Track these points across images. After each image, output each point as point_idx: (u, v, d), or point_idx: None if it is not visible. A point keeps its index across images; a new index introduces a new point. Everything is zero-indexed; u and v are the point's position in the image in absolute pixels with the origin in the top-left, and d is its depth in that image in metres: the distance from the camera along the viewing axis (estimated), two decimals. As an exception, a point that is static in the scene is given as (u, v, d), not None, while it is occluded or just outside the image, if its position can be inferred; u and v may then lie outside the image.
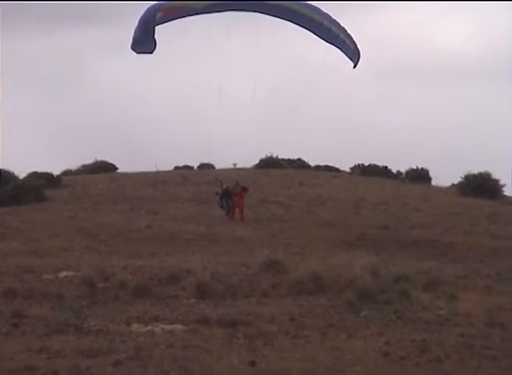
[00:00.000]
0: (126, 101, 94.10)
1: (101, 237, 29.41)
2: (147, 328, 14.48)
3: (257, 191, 40.38)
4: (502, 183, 50.46)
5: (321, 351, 12.73)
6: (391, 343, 13.31)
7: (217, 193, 36.17)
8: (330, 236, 30.61)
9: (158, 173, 53.91)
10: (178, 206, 39.40)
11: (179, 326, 14.67)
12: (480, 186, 48.78)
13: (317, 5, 21.94)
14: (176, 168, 63.29)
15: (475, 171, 50.62)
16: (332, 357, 12.34)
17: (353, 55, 22.15)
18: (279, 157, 62.86)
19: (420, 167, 59.08)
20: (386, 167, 61.97)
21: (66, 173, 57.85)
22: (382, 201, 42.61)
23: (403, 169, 60.70)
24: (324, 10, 21.82)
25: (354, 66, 22.66)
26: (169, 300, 17.56)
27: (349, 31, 21.95)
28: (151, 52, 20.92)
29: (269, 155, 61.98)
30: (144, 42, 20.66)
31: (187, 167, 64.33)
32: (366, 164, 62.18)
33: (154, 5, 21.05)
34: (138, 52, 21.20)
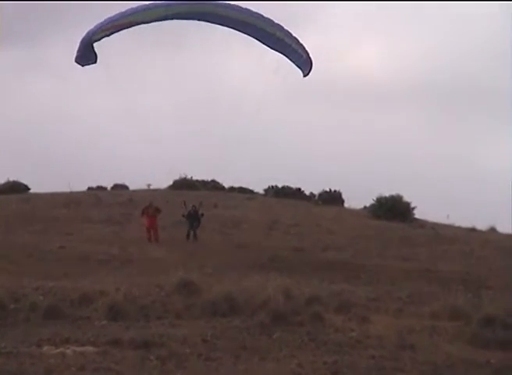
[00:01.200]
0: (39, 120, 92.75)
1: (12, 257, 28.78)
2: (58, 350, 14.18)
3: (171, 213, 40.20)
4: (413, 205, 51.55)
5: (234, 374, 12.69)
6: (303, 365, 13.35)
7: (183, 215, 35.63)
8: (244, 257, 30.66)
9: (71, 194, 53.23)
10: (91, 227, 38.95)
11: (91, 348, 14.42)
12: (392, 208, 49.72)
13: (268, 17, 21.73)
14: (90, 189, 62.65)
15: (387, 194, 51.62)
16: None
17: (305, 63, 22.15)
18: (194, 178, 62.87)
19: (333, 189, 59.91)
20: (300, 189, 62.66)
21: (-23, 192, 56.64)
22: (296, 223, 42.99)
23: (316, 191, 61.50)
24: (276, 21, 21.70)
25: (305, 75, 22.71)
26: (81, 321, 17.24)
27: (300, 41, 21.92)
28: (95, 62, 21.00)
29: (183, 176, 61.95)
30: (86, 56, 20.67)
31: (101, 188, 63.76)
32: (280, 186, 62.72)
33: (94, 28, 21.00)
34: (83, 65, 21.24)
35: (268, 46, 21.84)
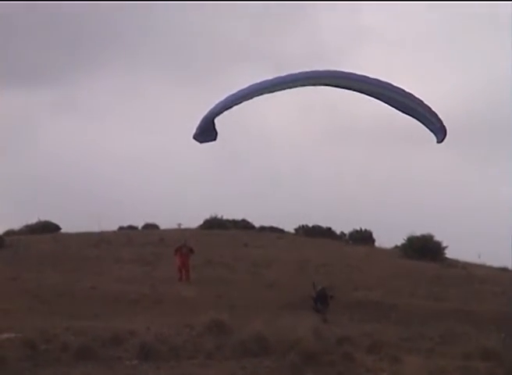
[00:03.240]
0: (71, 159, 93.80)
1: (43, 297, 28.95)
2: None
3: (202, 252, 40.24)
4: (444, 245, 51.19)
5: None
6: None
7: (312, 297, 34.00)
8: (274, 297, 30.60)
9: (101, 234, 53.52)
10: (122, 267, 39.10)
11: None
12: (423, 248, 49.39)
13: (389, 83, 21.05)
14: (121, 228, 62.96)
15: (418, 233, 51.32)
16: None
17: (439, 131, 21.52)
18: (224, 217, 63.00)
19: (363, 228, 59.69)
20: (330, 228, 62.43)
21: (9, 233, 57.09)
22: (326, 263, 42.82)
23: (346, 231, 61.27)
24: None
25: (439, 142, 21.89)
26: (112, 362, 17.34)
27: (432, 109, 21.25)
28: (215, 140, 20.64)
29: (214, 215, 62.13)
30: (206, 133, 20.37)
31: (132, 227, 64.06)
32: (310, 225, 62.58)
33: (217, 107, 20.45)
34: (201, 142, 20.86)
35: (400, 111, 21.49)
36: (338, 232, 62.51)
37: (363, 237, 58.47)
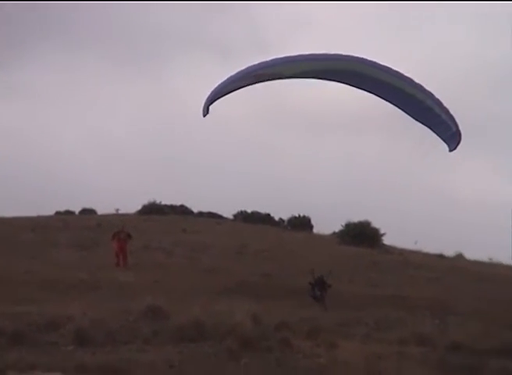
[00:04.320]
0: (5, 145, 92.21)
1: (-25, 282, 28.41)
2: (24, 376, 14.07)
3: (140, 237, 39.99)
4: (381, 232, 51.84)
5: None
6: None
7: (310, 283, 33.54)
8: (212, 283, 30.55)
9: (38, 218, 52.83)
10: (58, 252, 38.63)
11: (57, 374, 14.30)
12: (360, 234, 49.95)
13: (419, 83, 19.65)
14: (57, 213, 62.25)
15: (355, 220, 51.86)
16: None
17: (453, 137, 19.91)
18: (162, 203, 62.75)
19: (302, 215, 60.08)
20: (269, 214, 62.74)
21: None
22: (265, 249, 42.96)
23: (285, 217, 61.64)
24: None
25: (452, 150, 20.25)
26: (48, 347, 17.10)
27: (451, 112, 19.63)
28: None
29: (152, 200, 61.84)
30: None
31: (68, 212, 63.38)
32: (249, 211, 62.77)
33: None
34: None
35: (411, 114, 20.05)
36: (277, 218, 62.88)
37: (301, 223, 58.89)
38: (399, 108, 19.45)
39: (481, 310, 26.88)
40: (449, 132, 19.32)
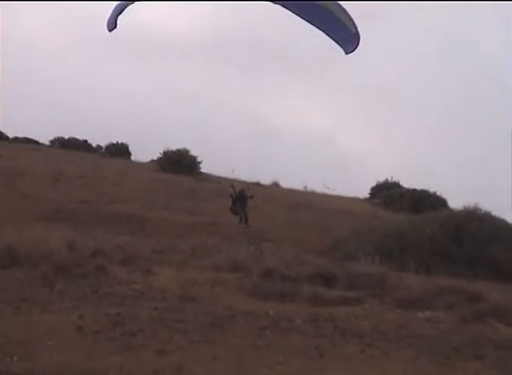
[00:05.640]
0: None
1: None
2: None
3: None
4: (199, 160, 52.17)
5: (13, 326, 12.31)
6: (85, 317, 13.18)
7: (231, 196, 32.01)
8: (27, 209, 29.70)
9: None
10: None
11: None
12: (178, 162, 50.08)
13: None
14: None
15: (174, 147, 51.87)
16: (24, 331, 11.97)
17: (353, 38, 19.04)
18: (-25, 126, 60.20)
19: (120, 142, 59.40)
20: (86, 141, 61.58)
21: None
22: (81, 175, 42.24)
23: (103, 144, 60.73)
24: None
25: (350, 52, 19.45)
26: None
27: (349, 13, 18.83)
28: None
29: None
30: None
31: None
32: (66, 137, 61.34)
33: None
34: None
35: (307, 18, 18.98)
36: (94, 145, 61.85)
37: (119, 151, 58.24)
38: (294, 12, 19.09)
39: (295, 237, 27.80)
40: (347, 33, 19.08)
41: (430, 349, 12.65)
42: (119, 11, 18.21)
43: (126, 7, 18.07)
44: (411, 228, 26.55)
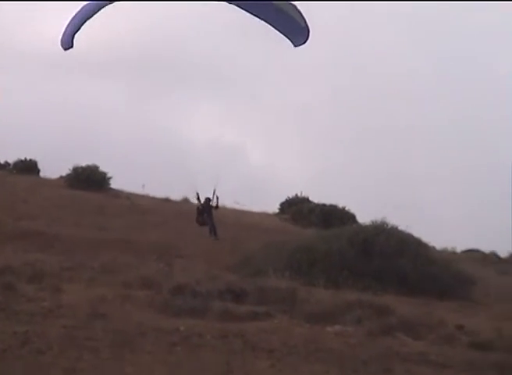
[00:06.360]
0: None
1: None
2: None
3: None
4: (109, 176, 51.80)
5: None
6: (-8, 336, 12.96)
7: (198, 208, 30.76)
8: None
9: None
10: None
11: None
12: (88, 178, 49.62)
13: None
14: None
15: (83, 163, 51.40)
16: None
17: (302, 32, 19.14)
18: None
19: (28, 158, 58.47)
20: (-7, 158, 60.46)
21: None
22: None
23: (10, 160, 59.67)
24: None
25: (299, 45, 19.50)
26: None
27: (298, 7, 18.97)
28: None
29: None
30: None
31: None
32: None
33: None
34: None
35: (257, 14, 18.92)
36: (2, 161, 60.76)
37: (28, 167, 57.29)
38: (243, 7, 19.21)
39: (207, 253, 27.89)
40: (297, 26, 19.32)
41: (339, 363, 12.88)
42: (75, 29, 18.13)
43: (83, 24, 18.04)
44: (320, 243, 26.96)
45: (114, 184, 52.23)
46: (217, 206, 30.81)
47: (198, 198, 30.80)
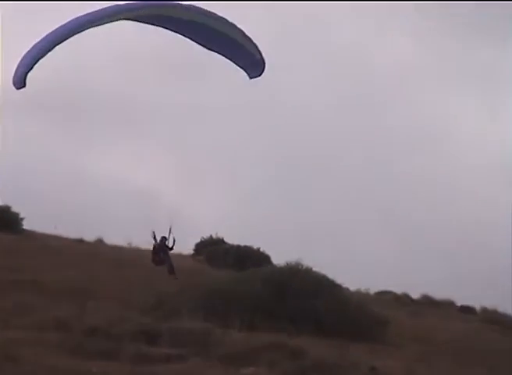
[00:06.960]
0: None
1: None
2: None
3: None
4: (21, 216, 50.90)
5: None
6: None
7: (154, 247, 30.22)
8: None
9: None
10: None
11: None
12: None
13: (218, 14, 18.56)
14: None
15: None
16: None
17: (258, 64, 19.19)
18: None
19: None
20: None
21: None
22: None
23: None
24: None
25: (255, 77, 19.58)
26: None
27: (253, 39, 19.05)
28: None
29: None
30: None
31: None
32: None
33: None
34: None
35: (213, 48, 18.97)
36: None
37: None
38: (201, 44, 19.40)
39: (120, 295, 27.62)
40: (252, 59, 19.61)
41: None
42: (28, 67, 17.92)
43: (36, 62, 17.86)
44: (235, 284, 27.01)
45: (26, 225, 51.33)
46: (172, 247, 30.58)
47: (154, 237, 30.41)
